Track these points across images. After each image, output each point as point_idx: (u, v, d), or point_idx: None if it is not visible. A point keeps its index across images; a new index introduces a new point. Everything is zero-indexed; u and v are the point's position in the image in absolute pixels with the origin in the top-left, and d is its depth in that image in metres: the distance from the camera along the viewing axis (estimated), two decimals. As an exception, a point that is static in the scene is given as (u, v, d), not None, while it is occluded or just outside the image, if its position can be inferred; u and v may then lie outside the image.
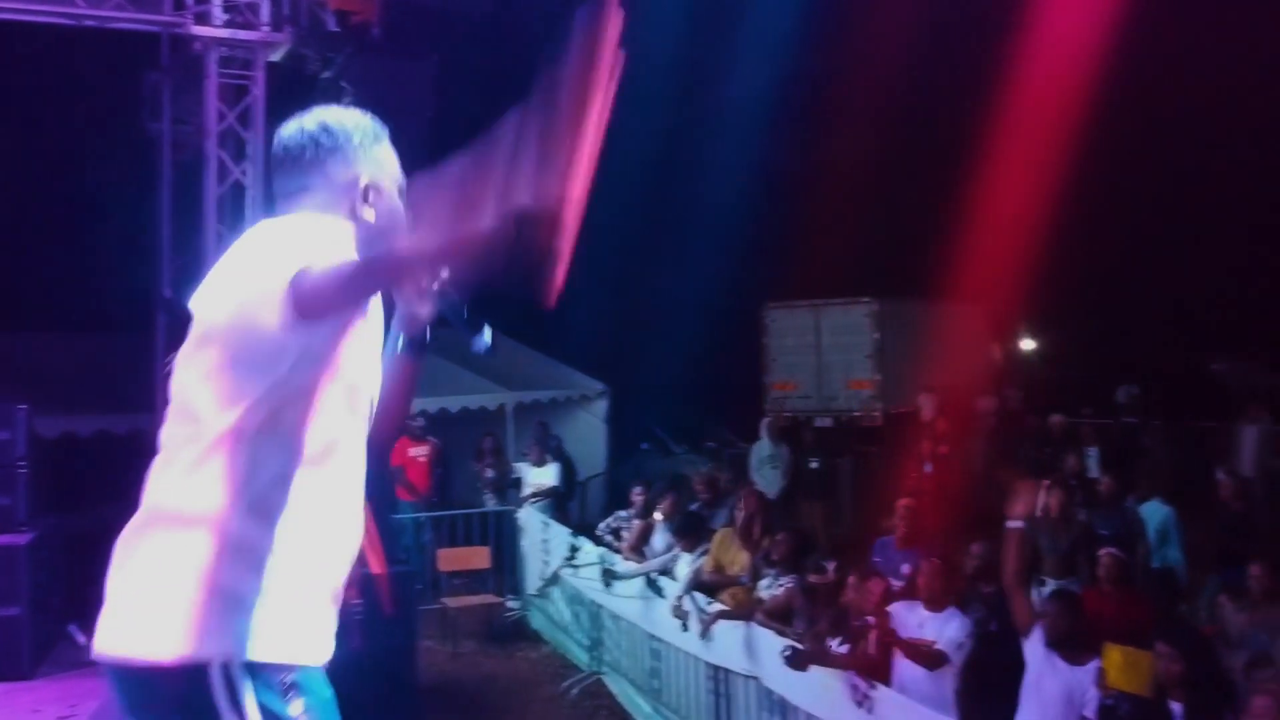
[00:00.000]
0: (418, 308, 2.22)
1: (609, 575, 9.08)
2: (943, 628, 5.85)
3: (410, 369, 2.37)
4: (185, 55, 9.95)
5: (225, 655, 1.93)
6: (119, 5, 9.65)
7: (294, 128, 2.25)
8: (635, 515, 9.99)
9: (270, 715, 1.94)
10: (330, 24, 9.22)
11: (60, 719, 7.93)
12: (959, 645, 5.79)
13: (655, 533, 9.13)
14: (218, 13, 9.68)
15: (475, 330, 2.30)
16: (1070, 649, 5.24)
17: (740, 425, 17.79)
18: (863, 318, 18.16)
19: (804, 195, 22.52)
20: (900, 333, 18.61)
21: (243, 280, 2.02)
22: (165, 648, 1.91)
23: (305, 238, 2.07)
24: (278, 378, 1.99)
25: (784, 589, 7.22)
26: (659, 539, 9.06)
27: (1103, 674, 4.97)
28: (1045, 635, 5.33)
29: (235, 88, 9.82)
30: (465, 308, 2.25)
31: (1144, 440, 14.30)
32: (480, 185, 1.72)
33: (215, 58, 9.61)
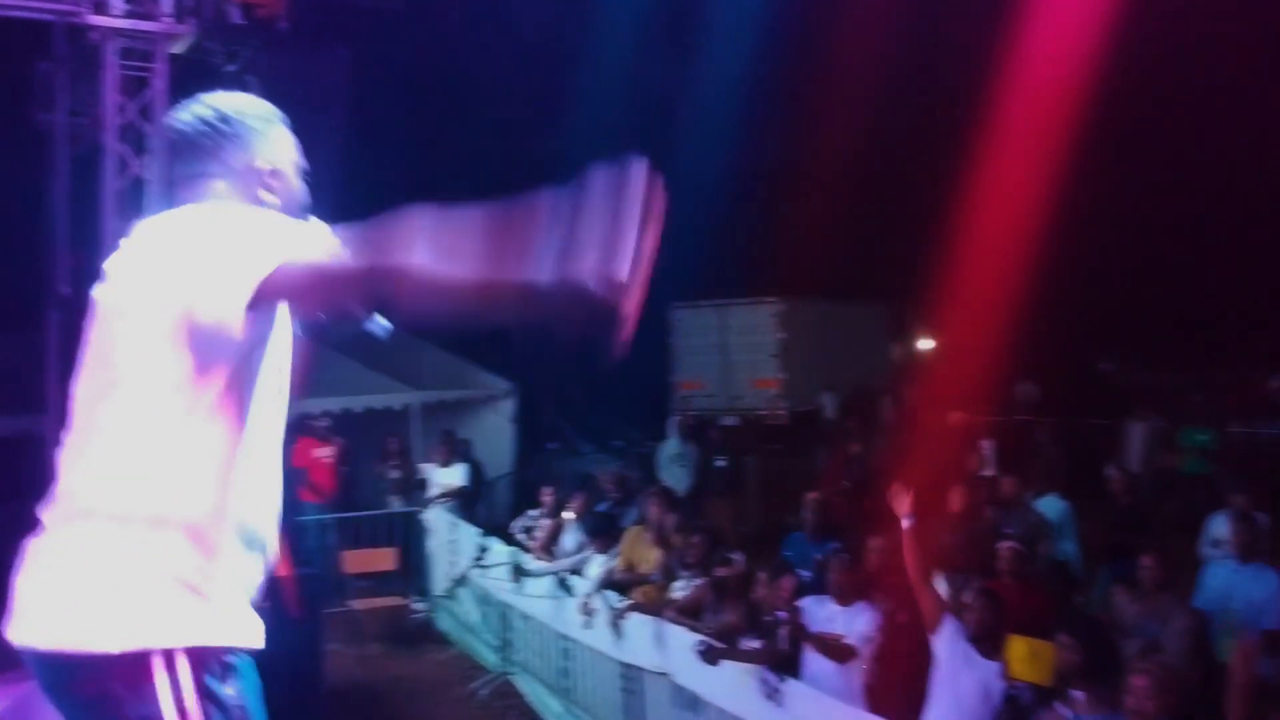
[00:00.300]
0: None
1: (520, 573, 9.05)
2: (852, 622, 5.95)
3: (305, 351, 2.35)
4: (82, 45, 9.61)
5: (166, 641, 1.92)
6: (10, -11, 9.30)
7: (189, 114, 2.22)
8: (545, 515, 9.98)
9: (208, 695, 1.95)
10: (235, 16, 8.99)
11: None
12: (867, 639, 5.89)
13: (566, 532, 9.13)
14: (117, 2, 9.36)
15: (379, 315, 2.31)
16: (988, 643, 5.34)
17: (647, 424, 17.86)
18: (768, 317, 18.38)
19: (709, 195, 22.68)
20: (804, 332, 18.89)
21: (198, 268, 1.98)
22: (106, 636, 1.89)
23: (260, 228, 2.04)
24: (228, 365, 1.99)
25: (694, 587, 7.27)
26: (570, 538, 9.06)
27: (1007, 664, 5.10)
28: (966, 630, 5.41)
29: (136, 80, 9.50)
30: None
31: (1038, 438, 14.73)
32: (524, 236, 1.78)
33: (114, 49, 9.30)
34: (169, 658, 1.92)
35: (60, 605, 1.94)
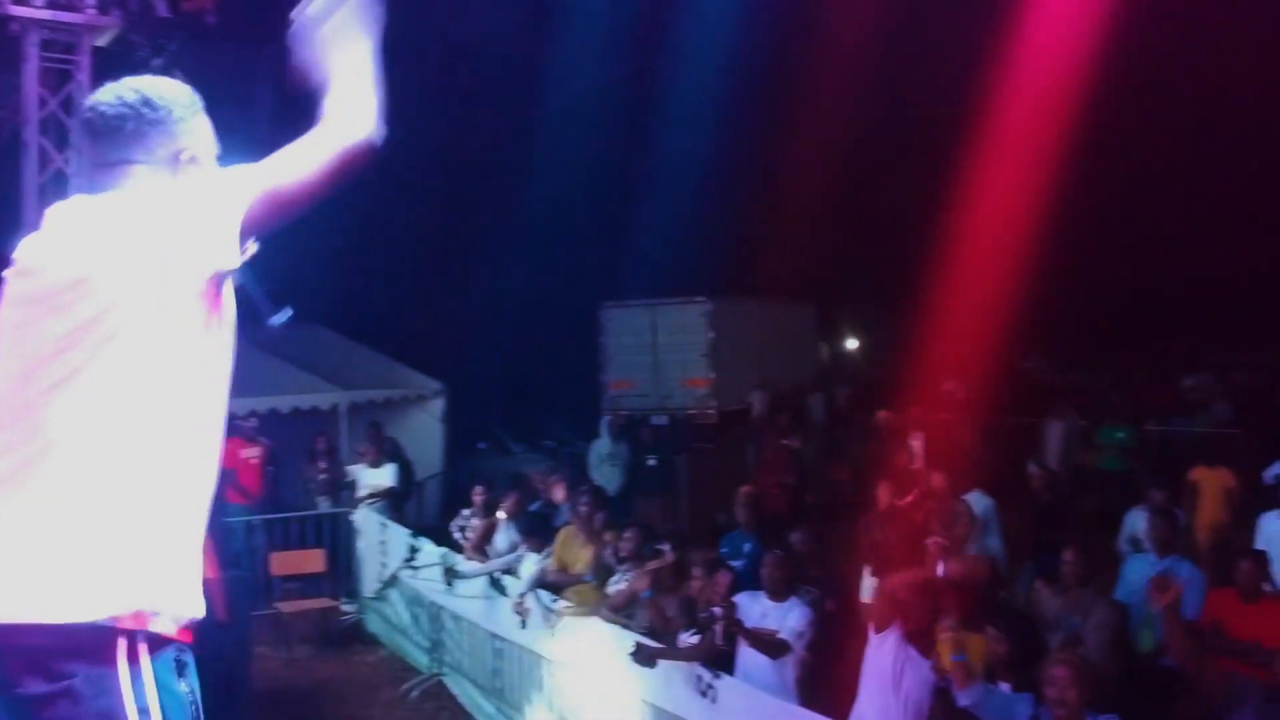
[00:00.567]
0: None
1: (452, 574, 9.00)
2: (785, 616, 6.01)
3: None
4: (1, 36, 9.32)
5: (132, 624, 1.89)
6: (-78, -23, 8.98)
7: (111, 97, 2.17)
8: (476, 514, 9.94)
9: (166, 689, 1.92)
10: (162, 9, 8.76)
11: None
12: (800, 634, 5.95)
13: (498, 531, 9.09)
14: (40, -9, 9.09)
15: (274, 306, 2.34)
16: (925, 641, 5.40)
17: (577, 423, 17.86)
18: (698, 317, 18.43)
19: (640, 194, 22.75)
20: (734, 331, 18.99)
21: (156, 250, 1.97)
22: (71, 606, 1.85)
23: (208, 185, 2.08)
24: (190, 342, 1.99)
25: (626, 583, 7.29)
26: (502, 538, 9.03)
27: (938, 658, 5.18)
28: (907, 630, 5.45)
29: (58, 72, 9.22)
30: (267, 284, 2.30)
31: (962, 435, 14.99)
32: None
33: (35, 40, 8.99)
34: (131, 647, 1.88)
35: (21, 575, 1.88)
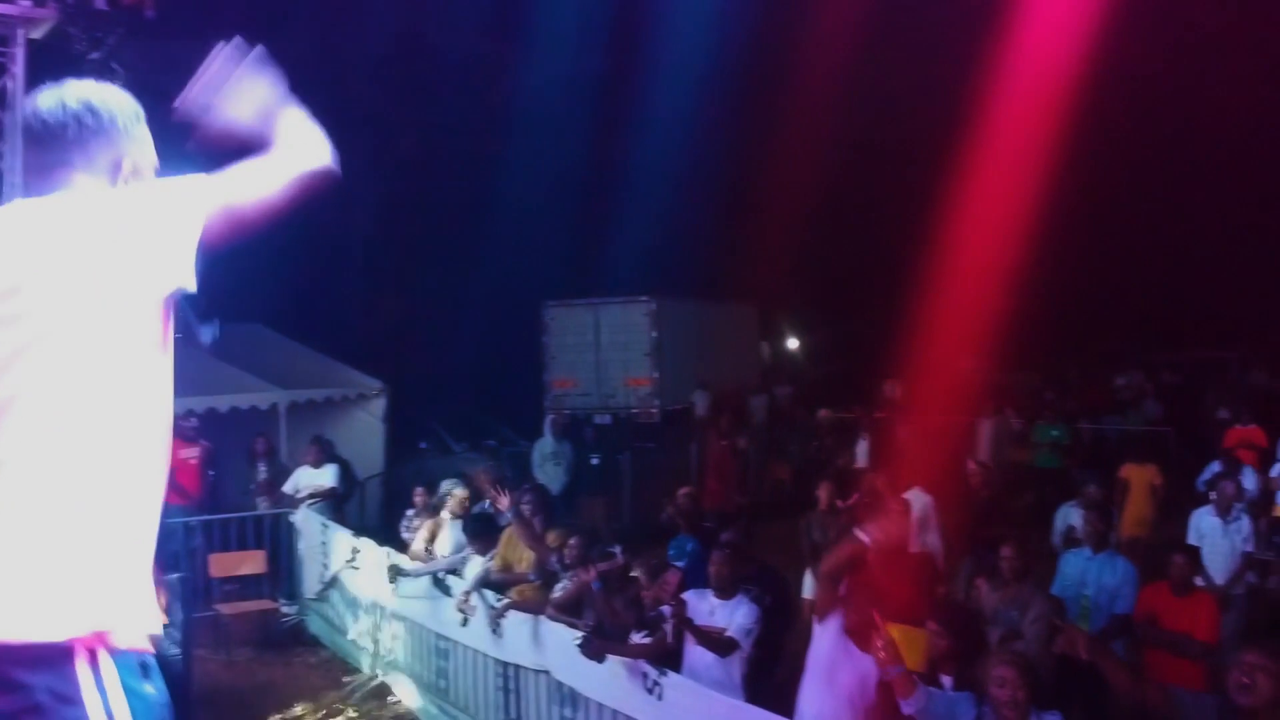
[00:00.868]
0: None
1: (395, 574, 8.95)
2: (732, 614, 6.03)
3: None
4: (-69, 27, 9.11)
5: (92, 634, 1.87)
6: None
7: (53, 101, 2.14)
8: (419, 514, 9.88)
9: (133, 693, 1.90)
10: (99, 2, 8.60)
11: None
12: (748, 631, 5.98)
13: (443, 531, 9.05)
14: (-28, -17, 8.88)
15: (205, 322, 2.36)
16: (866, 637, 5.46)
17: (519, 423, 17.81)
18: (641, 316, 18.51)
19: (584, 194, 22.75)
20: (677, 331, 19.09)
21: (106, 263, 1.94)
22: (33, 624, 1.82)
23: (158, 192, 2.05)
24: (138, 358, 1.96)
25: (573, 582, 7.29)
26: (446, 538, 8.99)
27: (880, 654, 5.23)
28: (845, 622, 5.53)
29: (-8, 65, 9.04)
30: (199, 298, 2.28)
31: (902, 433, 15.20)
32: None
33: (-33, 32, 8.83)
34: (93, 655, 1.86)
35: None
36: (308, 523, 11.25)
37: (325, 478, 11.78)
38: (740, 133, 21.94)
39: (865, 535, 5.67)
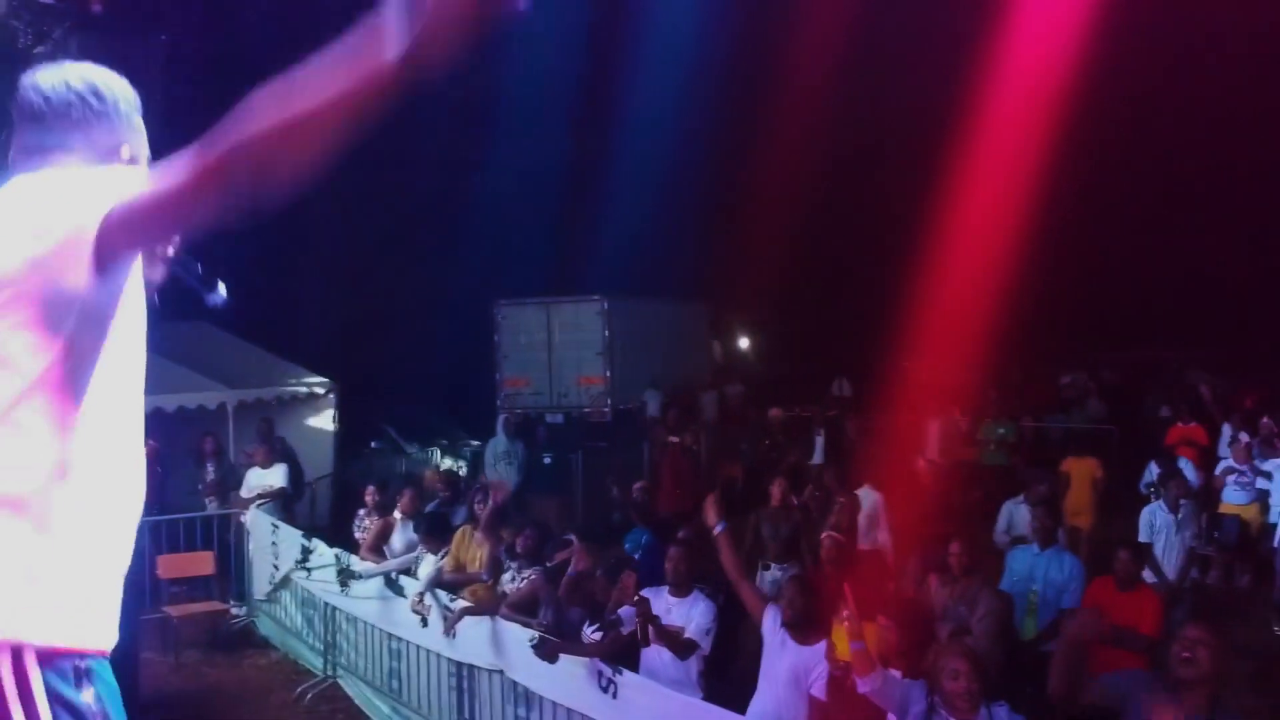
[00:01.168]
0: (150, 273, 2.12)
1: (347, 574, 8.89)
2: (689, 612, 6.05)
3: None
4: None
5: (14, 639, 1.76)
6: None
7: (57, 80, 2.05)
8: (370, 514, 9.84)
9: (61, 702, 1.80)
10: (46, -5, 8.47)
11: None
12: (707, 630, 5.99)
13: (395, 531, 9.01)
14: (-89, -27, 8.68)
15: (210, 287, 2.31)
16: (802, 630, 5.55)
17: (471, 422, 17.76)
18: (593, 315, 18.51)
19: (535, 194, 22.70)
20: (629, 330, 19.10)
21: (34, 235, 1.83)
22: None
23: (97, 184, 1.88)
24: (70, 337, 1.84)
25: (527, 581, 7.30)
26: (399, 538, 8.96)
27: (831, 648, 5.30)
28: (781, 617, 5.61)
29: (-67, 57, 8.85)
30: (199, 265, 2.26)
31: (851, 432, 15.36)
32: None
33: (-90, 22, 8.63)
34: (16, 659, 1.76)
35: None
36: (257, 523, 11.14)
37: (274, 478, 11.68)
38: (693, 132, 22.01)
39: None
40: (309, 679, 9.41)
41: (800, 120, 20.15)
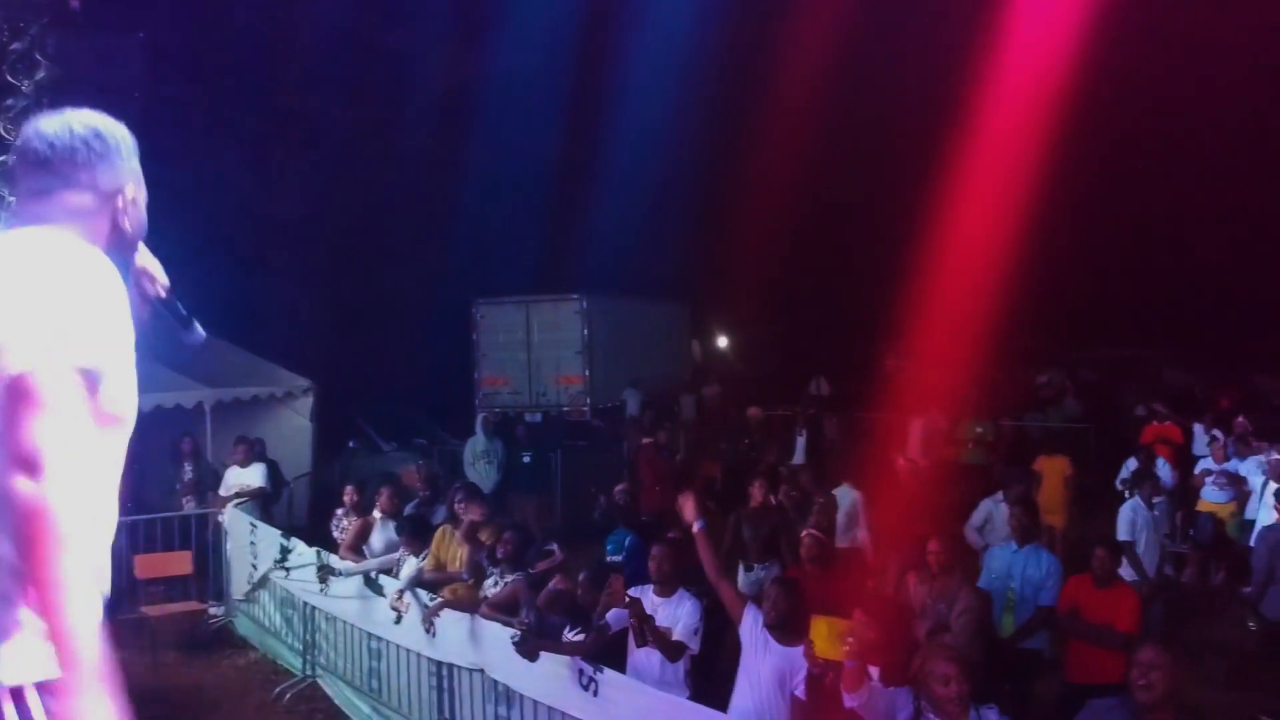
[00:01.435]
0: (136, 308, 2.22)
1: (328, 573, 8.85)
2: (675, 612, 6.03)
3: None
4: None
5: (17, 678, 1.87)
6: None
7: (60, 127, 2.13)
8: (349, 514, 9.80)
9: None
10: (23, -11, 8.38)
11: None
12: (695, 631, 5.97)
13: (375, 530, 8.98)
14: (-120, -34, 8.58)
15: (189, 326, 2.48)
16: (786, 632, 5.56)
17: (449, 421, 17.71)
18: (572, 314, 18.49)
19: (514, 192, 22.67)
20: (608, 329, 19.10)
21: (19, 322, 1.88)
22: None
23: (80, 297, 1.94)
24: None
25: (509, 584, 7.28)
26: (378, 537, 8.93)
27: (810, 645, 5.31)
28: (765, 618, 5.61)
29: (-93, 53, 8.75)
30: (179, 305, 2.45)
31: (830, 431, 15.41)
32: None
33: (-123, 19, 8.53)
34: (17, 694, 1.86)
35: None
36: (235, 523, 11.09)
37: (253, 477, 11.63)
38: (671, 132, 22.02)
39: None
40: (288, 679, 9.38)
41: (780, 120, 20.20)
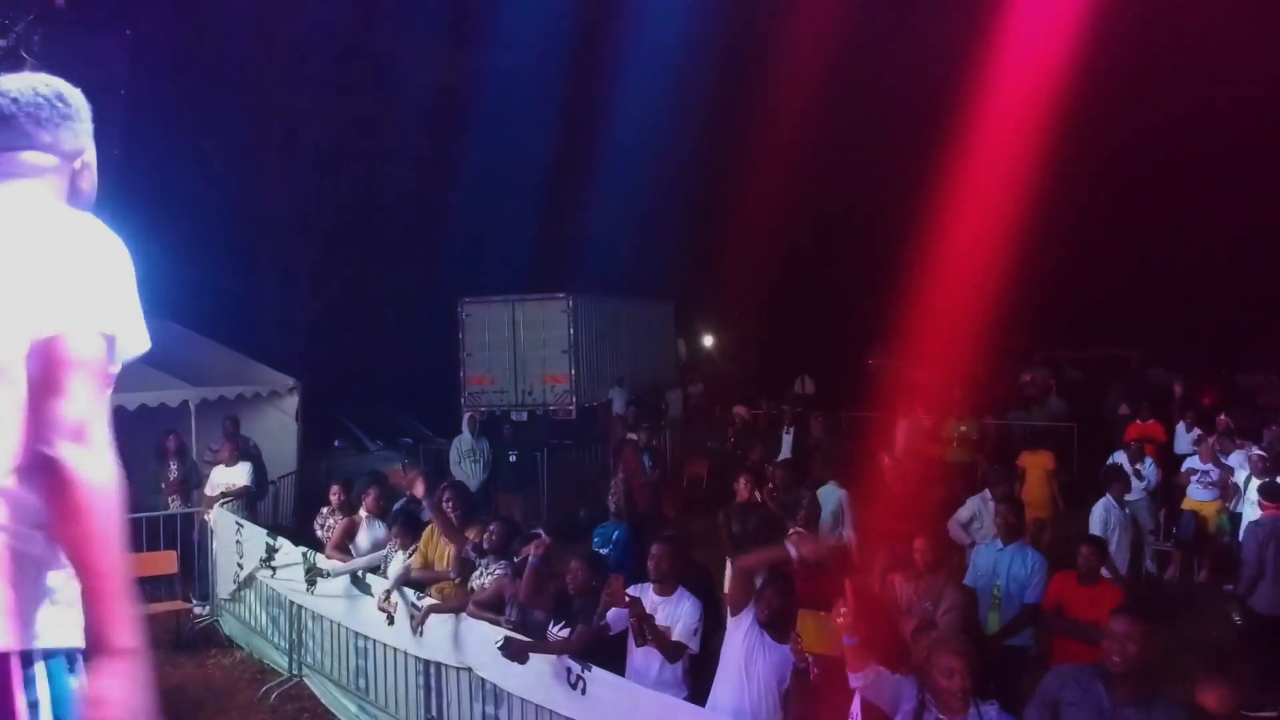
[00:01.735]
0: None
1: (314, 572, 8.83)
2: (674, 611, 6.00)
3: None
4: None
5: (23, 644, 1.90)
6: None
7: (24, 85, 2.17)
8: (334, 513, 9.77)
9: (59, 686, 1.94)
10: (7, -14, 8.32)
11: None
12: (695, 631, 5.95)
13: (361, 529, 8.96)
14: None
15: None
16: (780, 630, 5.56)
17: (435, 420, 17.69)
18: (558, 313, 18.48)
19: (500, 191, 22.64)
20: (594, 328, 19.10)
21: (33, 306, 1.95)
22: None
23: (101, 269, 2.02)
24: None
25: (494, 579, 7.27)
26: (365, 536, 8.91)
27: (798, 638, 5.32)
28: (759, 615, 5.61)
29: (-112, 47, 8.68)
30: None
31: (815, 429, 15.44)
32: None
33: None
34: (26, 659, 1.90)
35: None
36: (222, 522, 11.05)
37: (239, 476, 11.59)
38: (657, 131, 22.02)
39: (792, 548, 5.81)
40: (274, 678, 9.36)
41: (766, 120, 20.23)
